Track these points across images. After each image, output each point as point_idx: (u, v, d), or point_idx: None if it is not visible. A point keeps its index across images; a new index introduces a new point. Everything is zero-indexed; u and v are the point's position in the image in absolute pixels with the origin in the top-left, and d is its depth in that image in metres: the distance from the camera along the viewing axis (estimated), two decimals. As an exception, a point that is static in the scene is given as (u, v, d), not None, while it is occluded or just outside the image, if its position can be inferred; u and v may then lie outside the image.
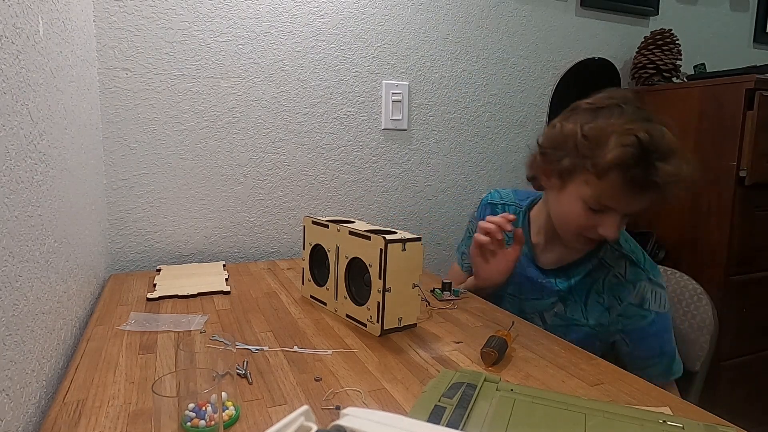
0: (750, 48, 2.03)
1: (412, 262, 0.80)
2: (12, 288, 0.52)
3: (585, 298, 0.95)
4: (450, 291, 1.02)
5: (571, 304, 0.96)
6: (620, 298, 0.92)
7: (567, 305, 0.96)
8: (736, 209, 1.30)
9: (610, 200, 0.83)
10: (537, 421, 0.54)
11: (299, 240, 1.38)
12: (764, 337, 1.42)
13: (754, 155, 1.26)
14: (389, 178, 1.46)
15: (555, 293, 0.96)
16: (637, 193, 0.82)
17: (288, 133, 1.33)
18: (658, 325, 0.92)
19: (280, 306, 0.94)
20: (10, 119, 0.53)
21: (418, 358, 0.73)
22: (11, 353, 0.52)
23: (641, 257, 0.94)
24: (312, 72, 1.33)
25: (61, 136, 0.76)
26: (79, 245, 0.85)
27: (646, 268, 0.93)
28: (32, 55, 0.63)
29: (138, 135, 1.18)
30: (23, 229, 0.57)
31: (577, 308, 0.95)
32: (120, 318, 0.85)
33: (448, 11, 1.46)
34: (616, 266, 0.93)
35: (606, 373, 0.70)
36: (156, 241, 1.23)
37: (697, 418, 0.58)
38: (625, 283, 0.92)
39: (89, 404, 0.58)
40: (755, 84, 1.24)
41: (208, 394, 0.50)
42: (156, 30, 1.16)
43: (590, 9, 1.66)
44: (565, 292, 0.96)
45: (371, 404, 0.60)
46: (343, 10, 1.33)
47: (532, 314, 0.99)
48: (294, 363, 0.70)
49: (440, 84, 1.49)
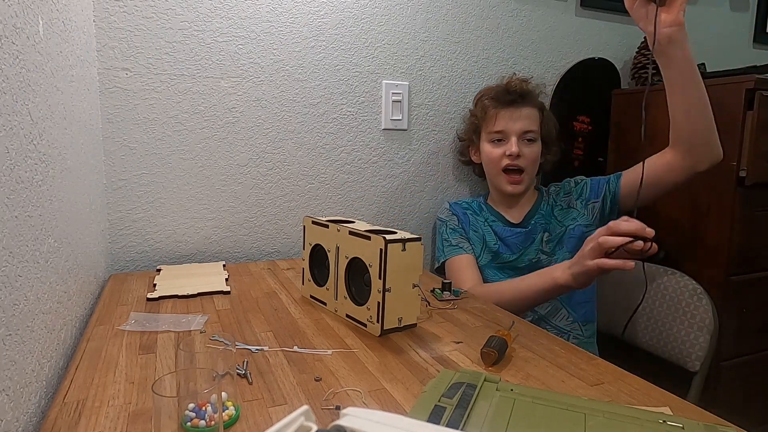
0: (750, 48, 2.03)
1: (412, 262, 0.80)
2: (12, 288, 0.52)
3: (553, 215, 1.24)
4: (450, 291, 1.02)
5: (549, 225, 1.22)
6: (566, 193, 1.24)
7: (549, 229, 1.22)
8: (736, 209, 1.30)
9: (496, 124, 1.19)
10: (537, 421, 0.54)
11: (299, 240, 1.38)
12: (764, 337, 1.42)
13: (754, 155, 1.26)
14: (389, 178, 1.46)
15: (539, 226, 1.22)
16: (505, 106, 1.19)
17: (288, 133, 1.33)
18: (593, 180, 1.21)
19: (280, 306, 0.94)
20: (10, 119, 0.53)
21: (418, 358, 0.73)
22: (11, 353, 0.52)
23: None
24: (312, 72, 1.33)
25: (61, 136, 0.76)
26: (79, 245, 0.85)
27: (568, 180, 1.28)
28: (32, 55, 0.63)
29: (138, 135, 1.18)
30: (23, 229, 0.57)
31: (554, 225, 1.22)
32: (120, 318, 0.85)
33: (448, 11, 1.46)
34: (552, 192, 1.27)
35: (606, 373, 0.70)
36: (156, 241, 1.23)
37: (697, 418, 0.58)
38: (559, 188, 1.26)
39: (89, 404, 0.58)
40: (755, 84, 1.24)
41: (208, 394, 0.50)
42: (156, 30, 1.16)
43: (590, 9, 1.66)
44: (545, 223, 1.23)
45: (371, 404, 0.60)
46: (343, 10, 1.33)
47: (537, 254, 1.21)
48: (294, 363, 0.70)
49: (440, 84, 1.49)
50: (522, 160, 1.18)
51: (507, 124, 1.18)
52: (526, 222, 1.25)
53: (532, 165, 1.21)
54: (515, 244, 1.23)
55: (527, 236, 1.23)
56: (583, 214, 1.21)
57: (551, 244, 1.22)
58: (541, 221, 1.24)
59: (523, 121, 1.18)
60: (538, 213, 1.25)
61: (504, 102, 1.19)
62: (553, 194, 1.28)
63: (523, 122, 1.18)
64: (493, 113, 1.20)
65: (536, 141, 1.21)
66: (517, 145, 1.17)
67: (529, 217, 1.25)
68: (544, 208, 1.26)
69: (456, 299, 1.01)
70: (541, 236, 1.22)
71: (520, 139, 1.18)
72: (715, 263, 1.35)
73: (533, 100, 1.21)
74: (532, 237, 1.23)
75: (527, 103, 1.19)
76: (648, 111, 1.52)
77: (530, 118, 1.19)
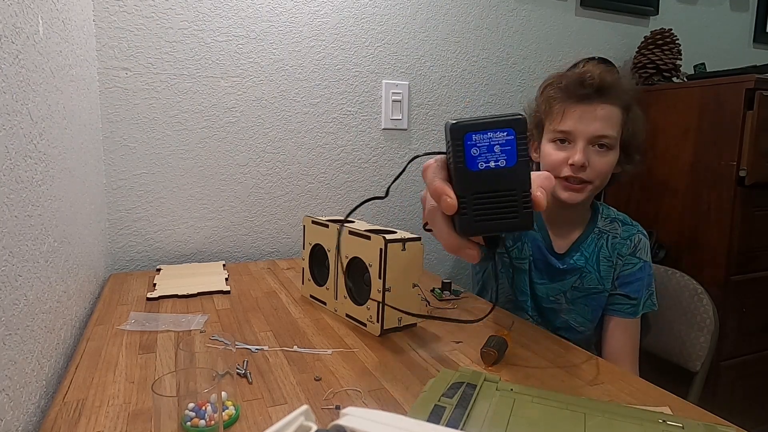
0: (750, 48, 2.03)
1: (412, 262, 0.80)
2: (12, 287, 0.52)
3: (597, 265, 1.03)
4: (450, 291, 1.02)
5: (587, 275, 1.03)
6: (620, 254, 1.03)
7: (584, 277, 1.03)
8: (736, 209, 1.30)
9: (562, 122, 0.94)
10: (537, 421, 0.54)
11: (299, 240, 1.38)
12: (764, 337, 1.42)
13: (754, 155, 1.26)
14: (389, 178, 1.46)
15: (577, 270, 1.03)
16: (576, 102, 0.93)
17: (288, 132, 1.33)
18: (644, 272, 1.03)
19: (280, 306, 0.94)
20: (10, 119, 0.53)
21: (418, 358, 0.73)
22: (11, 353, 0.52)
23: (628, 218, 1.08)
24: (312, 72, 1.33)
25: (61, 135, 0.76)
26: (79, 245, 0.85)
27: (635, 224, 1.07)
28: (32, 55, 0.63)
29: (138, 135, 1.18)
30: (23, 229, 0.57)
31: (593, 277, 1.03)
32: (120, 318, 0.85)
33: (448, 11, 1.46)
34: (611, 230, 1.04)
35: (606, 373, 0.70)
36: (156, 241, 1.23)
37: (697, 418, 0.58)
38: (622, 240, 1.03)
39: (89, 404, 0.58)
40: (755, 84, 1.24)
41: (208, 394, 0.50)
42: (156, 30, 1.16)
43: (590, 9, 1.66)
44: (584, 265, 1.03)
45: (371, 404, 0.60)
46: (343, 10, 1.33)
47: (558, 295, 1.05)
48: (294, 363, 0.70)
49: (440, 84, 1.49)
50: (588, 172, 0.93)
51: (576, 125, 0.92)
52: (569, 255, 1.04)
53: (601, 179, 0.96)
54: (554, 274, 1.04)
55: (562, 273, 1.04)
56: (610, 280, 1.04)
57: (577, 294, 1.03)
58: (580, 262, 1.03)
59: (598, 123, 0.92)
60: (580, 250, 1.03)
61: (575, 96, 0.93)
62: (607, 236, 1.04)
63: (597, 125, 0.92)
64: (560, 109, 0.94)
65: (612, 149, 0.95)
66: (585, 152, 0.92)
67: (572, 251, 1.04)
68: (590, 245, 1.03)
69: (456, 299, 1.01)
70: (574, 280, 1.03)
71: (591, 145, 0.93)
72: (715, 263, 1.35)
73: (615, 97, 0.93)
74: (565, 277, 1.03)
75: (606, 100, 0.92)
76: (648, 111, 1.52)
77: (608, 119, 0.92)
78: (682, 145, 1.42)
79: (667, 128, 1.11)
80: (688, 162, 1.40)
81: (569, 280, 1.03)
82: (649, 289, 1.05)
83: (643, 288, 1.03)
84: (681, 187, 1.42)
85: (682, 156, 1.42)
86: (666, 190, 1.47)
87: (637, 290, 1.02)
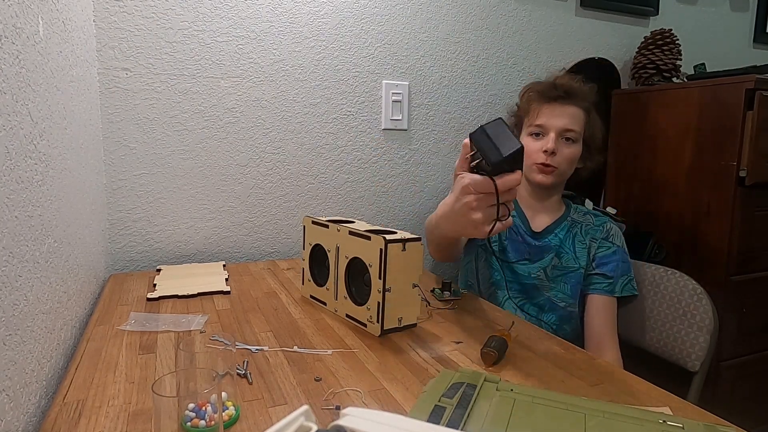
0: (750, 48, 2.03)
1: (412, 262, 0.80)
2: (12, 288, 0.52)
3: (573, 247, 1.17)
4: (450, 291, 1.02)
5: (563, 254, 1.17)
6: (594, 238, 1.18)
7: (561, 256, 1.16)
8: (736, 209, 1.30)
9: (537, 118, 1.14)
10: (537, 421, 0.54)
11: (299, 240, 1.38)
12: (764, 337, 1.42)
13: (754, 155, 1.26)
14: (389, 178, 1.46)
15: (553, 248, 1.17)
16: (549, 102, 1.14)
17: (288, 133, 1.33)
18: (618, 255, 1.16)
19: (280, 306, 0.94)
20: (10, 119, 0.53)
21: (418, 358, 0.73)
22: (11, 353, 0.52)
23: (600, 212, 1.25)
24: (312, 72, 1.33)
25: (61, 136, 0.76)
26: (79, 245, 0.85)
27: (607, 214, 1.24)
28: (32, 55, 0.63)
29: (138, 135, 1.18)
30: (23, 229, 0.57)
31: (569, 257, 1.16)
32: (120, 318, 0.85)
33: (448, 11, 1.46)
34: (584, 220, 1.20)
35: (606, 373, 0.70)
36: (156, 241, 1.23)
37: (697, 418, 0.58)
38: (594, 227, 1.19)
39: (89, 404, 0.58)
40: (755, 84, 1.24)
41: (208, 394, 0.50)
42: (156, 30, 1.16)
43: (590, 9, 1.66)
44: (559, 245, 1.17)
45: (371, 404, 0.60)
46: (343, 10, 1.33)
47: (539, 272, 1.16)
48: (294, 363, 0.70)
49: (440, 84, 1.49)
50: (557, 158, 1.13)
51: (548, 119, 1.13)
52: (544, 235, 1.18)
53: (568, 165, 1.15)
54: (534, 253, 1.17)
55: (539, 251, 1.17)
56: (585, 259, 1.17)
57: (556, 272, 1.16)
58: (555, 242, 1.17)
59: (565, 119, 1.13)
60: (554, 233, 1.18)
61: (549, 97, 1.15)
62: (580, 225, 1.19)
63: (564, 120, 1.13)
64: (536, 107, 1.16)
65: (576, 142, 1.15)
66: (555, 142, 1.12)
67: (547, 232, 1.18)
68: (562, 230, 1.18)
69: (456, 299, 1.01)
70: (551, 258, 1.16)
71: (560, 137, 1.13)
72: (715, 263, 1.35)
73: (580, 100, 1.15)
74: (542, 255, 1.16)
75: (573, 102, 1.14)
76: (648, 111, 1.52)
77: (573, 117, 1.14)
78: (682, 145, 1.42)
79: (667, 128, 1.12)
80: (688, 162, 1.40)
81: (547, 258, 1.17)
82: (628, 275, 1.17)
83: (618, 269, 1.16)
84: (681, 188, 1.42)
85: (682, 156, 1.42)
86: (666, 190, 1.47)
87: (612, 270, 1.15)
